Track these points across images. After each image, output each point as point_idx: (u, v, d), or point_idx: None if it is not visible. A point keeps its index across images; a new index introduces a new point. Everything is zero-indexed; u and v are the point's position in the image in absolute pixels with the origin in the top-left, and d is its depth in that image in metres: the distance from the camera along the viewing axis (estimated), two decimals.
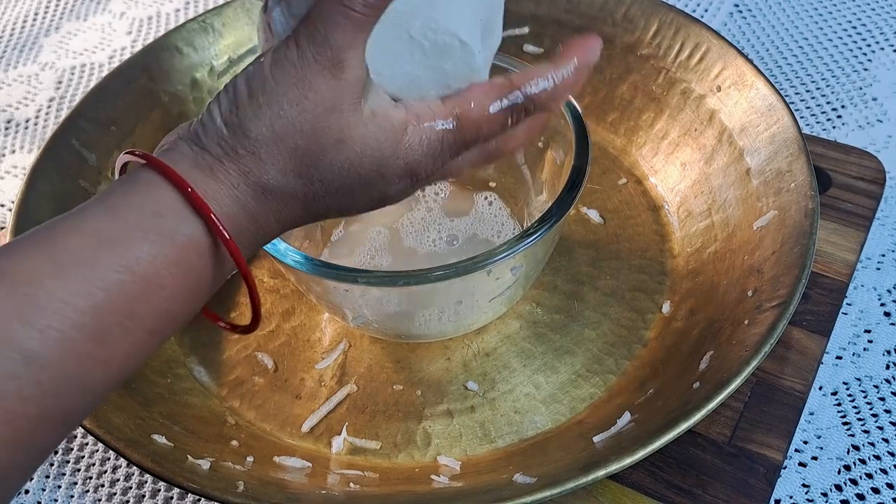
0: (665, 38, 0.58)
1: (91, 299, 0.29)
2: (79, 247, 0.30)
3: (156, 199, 0.32)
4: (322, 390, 0.50)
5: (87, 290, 0.29)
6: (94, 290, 0.29)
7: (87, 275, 0.29)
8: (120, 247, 0.30)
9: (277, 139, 0.34)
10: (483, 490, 0.41)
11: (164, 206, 0.32)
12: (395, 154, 0.35)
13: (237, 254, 0.34)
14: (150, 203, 0.32)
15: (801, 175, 0.48)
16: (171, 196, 0.32)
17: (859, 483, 0.46)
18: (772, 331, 0.42)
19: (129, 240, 0.30)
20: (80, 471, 0.51)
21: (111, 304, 0.30)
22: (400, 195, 0.37)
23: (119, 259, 0.30)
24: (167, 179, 0.32)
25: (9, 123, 0.75)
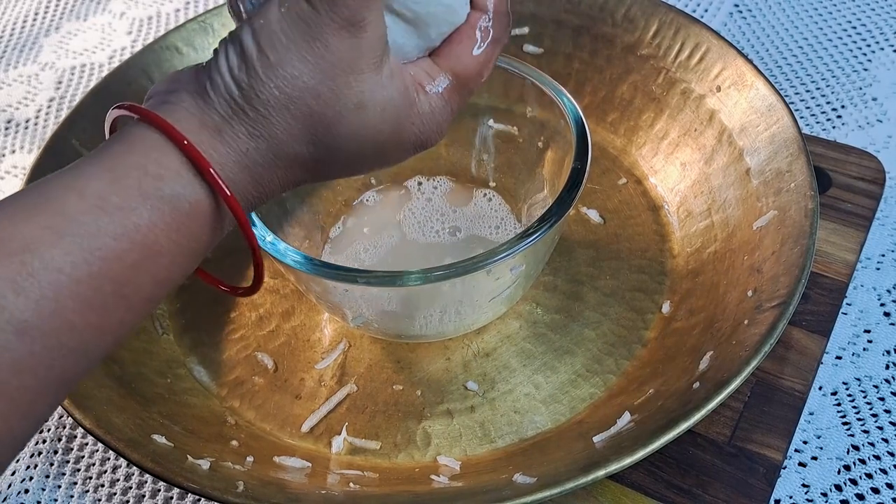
0: (665, 38, 0.58)
1: (88, 268, 0.28)
2: (78, 212, 0.28)
3: (158, 162, 0.30)
4: (322, 390, 0.50)
5: (84, 259, 0.28)
6: (91, 258, 0.28)
7: (86, 243, 0.28)
8: (120, 214, 0.29)
9: (290, 102, 0.32)
10: (483, 490, 0.41)
11: (166, 168, 0.30)
12: (410, 118, 0.34)
13: (244, 222, 0.32)
14: (152, 165, 0.30)
15: (801, 175, 0.48)
16: (173, 158, 0.30)
17: (859, 483, 0.46)
18: (772, 331, 0.42)
19: (130, 206, 0.29)
20: (80, 471, 0.51)
21: (109, 273, 0.28)
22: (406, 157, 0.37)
23: (119, 227, 0.29)
24: (170, 140, 0.30)
25: (9, 123, 0.75)
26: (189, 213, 0.31)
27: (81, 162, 0.30)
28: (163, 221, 0.30)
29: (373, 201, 0.57)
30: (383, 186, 0.58)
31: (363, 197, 0.57)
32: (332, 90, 0.32)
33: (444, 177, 0.58)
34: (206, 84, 0.32)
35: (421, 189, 0.57)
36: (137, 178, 0.29)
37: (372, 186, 0.58)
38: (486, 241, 0.54)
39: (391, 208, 0.56)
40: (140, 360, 0.51)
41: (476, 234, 0.54)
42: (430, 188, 0.57)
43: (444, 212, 0.56)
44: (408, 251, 0.54)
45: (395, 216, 0.56)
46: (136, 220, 0.29)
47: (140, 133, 0.31)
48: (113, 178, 0.29)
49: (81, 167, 0.30)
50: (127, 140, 0.31)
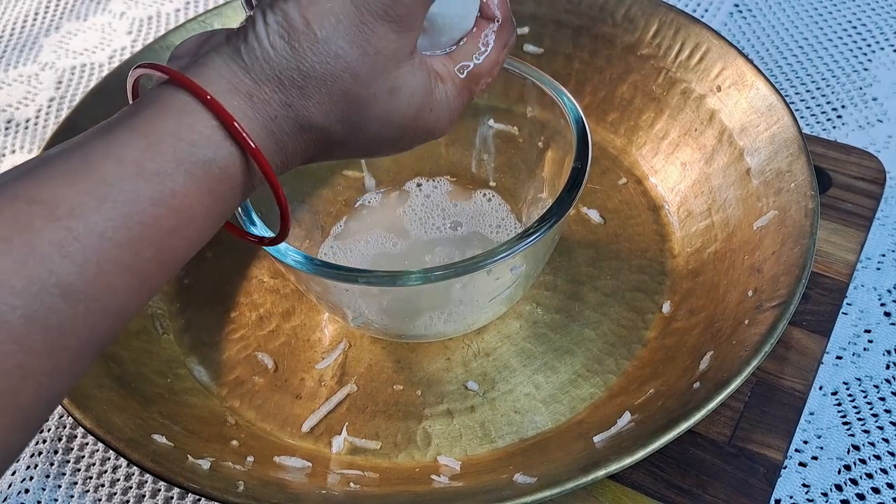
0: (665, 38, 0.58)
1: (129, 233, 0.29)
2: (118, 178, 0.29)
3: (190, 126, 0.31)
4: (322, 390, 0.50)
5: (125, 224, 0.28)
6: (131, 223, 0.29)
7: (126, 208, 0.28)
8: (157, 180, 0.29)
9: (329, 78, 0.33)
10: (483, 490, 0.41)
11: (198, 133, 0.31)
12: (430, 104, 0.36)
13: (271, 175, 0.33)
14: (185, 130, 0.30)
15: (801, 175, 0.48)
16: (205, 122, 0.31)
17: (859, 483, 0.46)
18: (772, 331, 0.42)
19: (166, 172, 0.30)
20: (80, 471, 0.51)
21: (148, 238, 0.29)
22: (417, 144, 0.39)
23: (156, 192, 0.29)
24: (199, 101, 0.31)
25: (9, 123, 0.75)
26: (219, 178, 0.31)
27: (114, 126, 0.30)
28: (196, 187, 0.30)
29: (374, 202, 0.57)
30: (384, 189, 0.58)
31: (364, 198, 0.57)
32: (371, 73, 0.33)
33: (444, 177, 0.58)
34: (240, 48, 0.32)
35: (421, 189, 0.57)
36: (172, 145, 0.30)
37: (372, 189, 0.58)
38: (486, 239, 0.54)
39: (391, 207, 0.56)
40: (140, 360, 0.51)
41: (477, 230, 0.54)
42: (430, 188, 0.57)
43: (445, 207, 0.56)
44: (409, 247, 0.54)
45: (395, 213, 0.56)
46: (172, 185, 0.30)
47: (170, 95, 0.31)
48: (148, 144, 0.30)
49: (117, 133, 0.30)
50: (157, 103, 0.31)
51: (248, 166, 0.32)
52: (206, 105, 0.31)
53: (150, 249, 0.29)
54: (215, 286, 0.56)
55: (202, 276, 0.56)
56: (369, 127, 0.35)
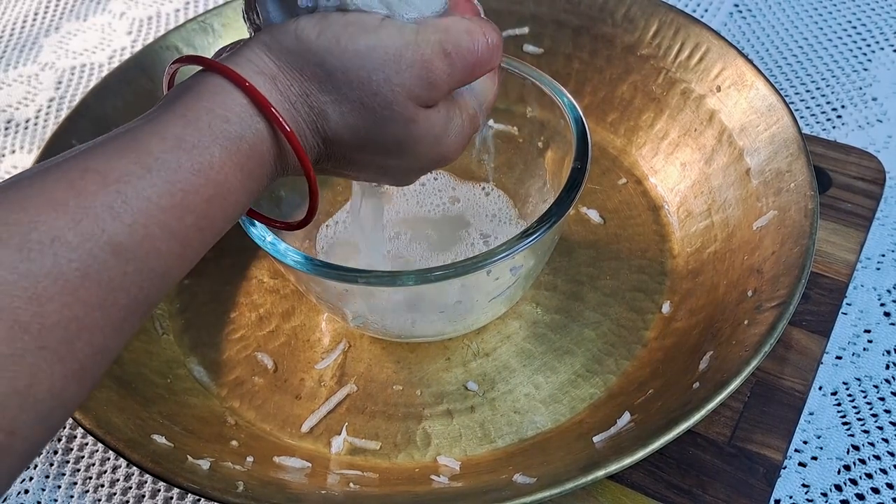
0: (665, 38, 0.58)
1: (171, 199, 0.31)
2: (162, 150, 0.31)
3: (223, 104, 0.33)
4: (322, 390, 0.50)
5: (168, 191, 0.31)
6: (174, 190, 0.31)
7: (170, 176, 0.31)
8: (196, 152, 0.32)
9: (349, 85, 0.35)
10: (483, 490, 0.41)
11: (230, 110, 0.33)
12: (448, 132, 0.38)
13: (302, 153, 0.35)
14: (219, 108, 0.33)
15: (801, 175, 0.48)
16: (237, 101, 0.33)
17: (859, 483, 0.46)
18: (772, 331, 0.42)
19: (204, 145, 0.32)
20: (80, 471, 0.51)
21: (190, 205, 0.31)
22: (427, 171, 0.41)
23: (196, 163, 0.32)
24: (232, 83, 0.33)
25: (9, 123, 0.75)
26: (249, 154, 0.33)
27: (157, 111, 0.33)
28: (230, 160, 0.33)
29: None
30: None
31: None
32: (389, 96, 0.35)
33: (444, 172, 0.58)
34: (266, 38, 0.35)
35: (420, 182, 0.57)
36: (208, 121, 0.32)
37: None
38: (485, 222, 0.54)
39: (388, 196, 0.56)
40: (140, 360, 0.51)
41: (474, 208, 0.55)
42: (429, 178, 0.57)
43: (443, 188, 0.56)
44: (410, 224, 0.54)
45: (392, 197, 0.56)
46: (210, 157, 0.32)
47: (206, 80, 0.34)
48: (186, 121, 0.32)
49: (159, 116, 0.32)
50: (194, 88, 0.33)
51: (278, 146, 0.34)
52: (243, 90, 0.33)
53: (190, 216, 0.31)
54: (215, 286, 0.56)
55: (202, 276, 0.56)
56: (377, 142, 0.36)
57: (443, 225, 0.55)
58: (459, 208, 0.56)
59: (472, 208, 0.56)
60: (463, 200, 0.56)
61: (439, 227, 0.55)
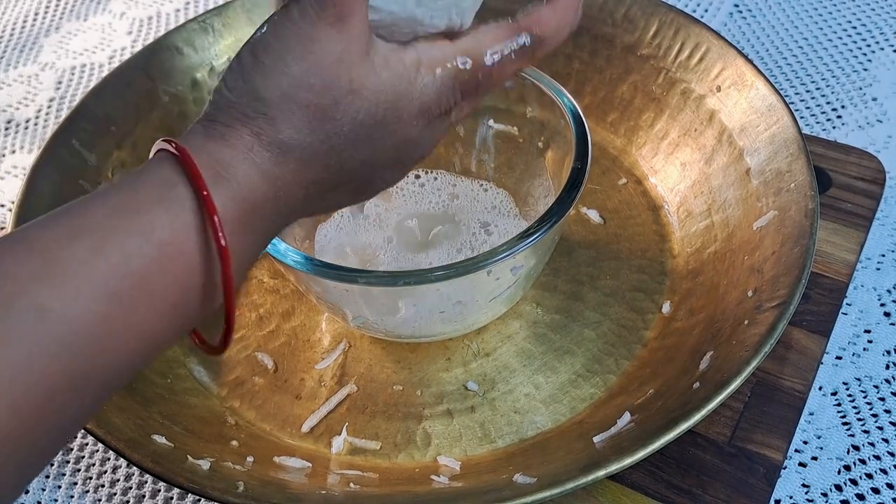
0: (665, 38, 0.58)
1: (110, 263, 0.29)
2: (102, 216, 0.30)
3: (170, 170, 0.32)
4: (322, 390, 0.50)
5: (107, 257, 0.29)
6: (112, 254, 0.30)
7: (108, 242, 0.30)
8: (137, 216, 0.31)
9: (287, 98, 0.33)
10: (483, 490, 0.41)
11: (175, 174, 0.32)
12: (410, 95, 0.36)
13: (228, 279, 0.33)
14: (165, 173, 0.32)
15: (801, 175, 0.48)
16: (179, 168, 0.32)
17: (859, 483, 0.46)
18: (772, 331, 0.42)
19: (147, 209, 0.31)
20: (80, 471, 0.51)
21: (131, 269, 0.30)
22: (424, 139, 0.37)
23: (137, 227, 0.30)
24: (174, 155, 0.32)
25: (9, 123, 0.75)
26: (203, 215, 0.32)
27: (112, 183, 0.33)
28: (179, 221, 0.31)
29: None
30: None
31: None
32: (323, 81, 0.34)
33: (443, 171, 0.58)
34: (208, 109, 0.34)
35: (419, 181, 0.57)
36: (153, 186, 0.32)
37: None
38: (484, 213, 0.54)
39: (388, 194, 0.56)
40: None
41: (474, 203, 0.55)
42: (429, 179, 0.57)
43: (442, 187, 0.56)
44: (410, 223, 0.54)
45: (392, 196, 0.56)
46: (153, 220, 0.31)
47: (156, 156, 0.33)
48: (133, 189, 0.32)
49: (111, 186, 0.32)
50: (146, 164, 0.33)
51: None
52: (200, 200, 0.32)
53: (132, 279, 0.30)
54: None
55: None
56: (345, 129, 0.35)
57: (443, 220, 0.55)
58: (458, 205, 0.56)
59: (471, 202, 0.56)
60: (462, 197, 0.56)
61: (439, 223, 0.55)
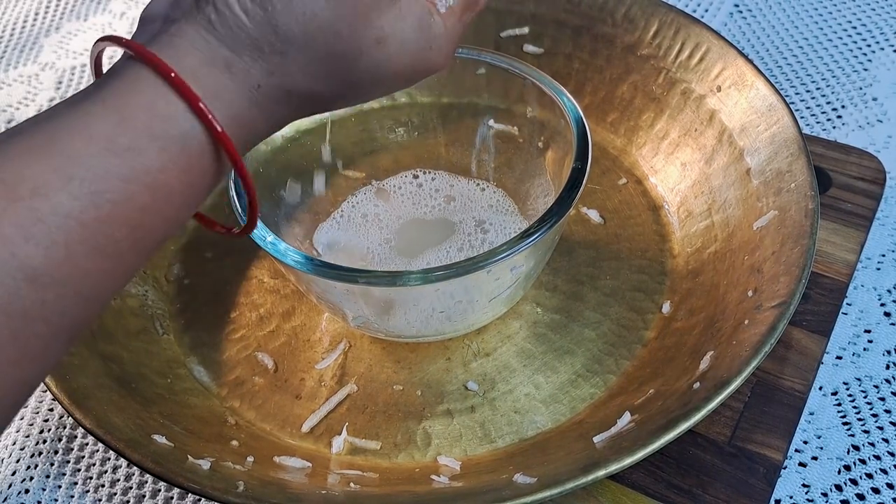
0: (665, 38, 0.58)
1: (97, 212, 0.27)
2: (87, 154, 0.27)
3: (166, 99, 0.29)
4: (322, 390, 0.50)
5: (93, 203, 0.27)
6: (100, 201, 0.27)
7: (94, 186, 0.27)
8: (129, 155, 0.28)
9: (310, 40, 0.31)
10: (483, 490, 0.41)
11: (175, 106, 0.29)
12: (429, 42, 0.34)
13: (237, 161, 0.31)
14: (160, 103, 0.29)
15: (801, 175, 0.48)
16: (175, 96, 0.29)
17: (859, 483, 0.46)
18: (772, 331, 0.42)
19: (140, 148, 0.28)
20: (81, 471, 0.51)
21: (120, 217, 0.27)
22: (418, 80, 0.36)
23: (128, 169, 0.27)
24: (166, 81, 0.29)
25: (9, 124, 0.75)
26: (198, 153, 0.30)
27: (82, 101, 0.29)
28: (173, 163, 0.29)
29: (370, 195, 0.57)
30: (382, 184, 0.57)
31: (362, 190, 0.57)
32: (351, 28, 0.31)
33: (442, 171, 0.58)
34: (210, 16, 0.31)
35: (418, 181, 0.57)
36: (146, 120, 0.28)
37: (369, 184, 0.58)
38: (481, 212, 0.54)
39: (386, 194, 0.56)
40: (140, 360, 0.51)
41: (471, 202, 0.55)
42: (427, 179, 0.57)
43: (440, 187, 0.56)
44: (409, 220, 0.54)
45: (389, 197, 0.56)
46: (146, 161, 0.28)
47: (139, 70, 0.29)
48: (120, 118, 0.28)
49: (84, 107, 0.28)
50: (128, 78, 0.29)
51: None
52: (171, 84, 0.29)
53: (122, 229, 0.28)
54: (215, 286, 0.56)
55: (202, 276, 0.56)
56: (364, 79, 0.33)
57: (442, 220, 0.55)
58: (457, 205, 0.56)
59: (470, 202, 0.56)
60: (460, 197, 0.56)
61: (438, 223, 0.55)
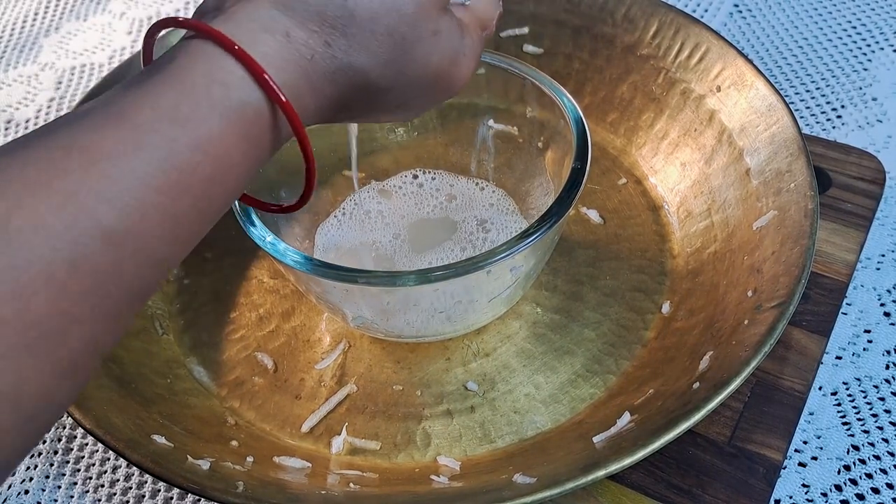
0: (665, 38, 0.58)
1: (166, 178, 0.28)
2: (155, 121, 0.28)
3: (221, 68, 0.30)
4: (322, 390, 0.50)
5: (161, 169, 0.28)
6: (169, 168, 0.28)
7: (162, 154, 0.28)
8: (192, 124, 0.29)
9: (374, 15, 0.33)
10: (483, 490, 0.41)
11: (230, 73, 0.30)
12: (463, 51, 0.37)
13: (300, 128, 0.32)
14: (217, 72, 0.30)
15: (800, 175, 0.48)
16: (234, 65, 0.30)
17: (859, 483, 0.46)
18: (772, 331, 0.42)
19: (202, 117, 0.29)
20: (80, 471, 0.51)
21: (187, 185, 0.29)
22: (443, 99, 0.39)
23: (192, 138, 0.29)
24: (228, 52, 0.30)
25: (9, 123, 0.75)
26: (254, 120, 0.31)
27: (144, 78, 0.30)
28: (231, 131, 0.30)
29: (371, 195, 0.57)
30: (382, 185, 0.57)
31: (362, 190, 0.57)
32: (416, 13, 0.33)
33: (442, 171, 0.58)
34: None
35: (418, 181, 0.57)
36: (205, 87, 0.30)
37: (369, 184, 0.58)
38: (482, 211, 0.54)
39: (387, 193, 0.56)
40: (140, 360, 0.51)
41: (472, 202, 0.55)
42: (427, 179, 0.57)
43: (440, 186, 0.56)
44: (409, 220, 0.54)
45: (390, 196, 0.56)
46: (208, 129, 0.29)
47: (197, 45, 0.31)
48: (182, 89, 0.29)
49: (147, 84, 0.29)
50: (186, 53, 0.30)
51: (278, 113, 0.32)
52: (233, 55, 0.30)
53: (188, 197, 0.29)
54: (215, 286, 0.56)
55: (202, 276, 0.56)
56: (410, 69, 0.35)
57: (442, 219, 0.55)
58: (457, 204, 0.56)
59: (470, 201, 0.56)
60: (460, 196, 0.56)
61: (438, 222, 0.55)
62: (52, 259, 0.25)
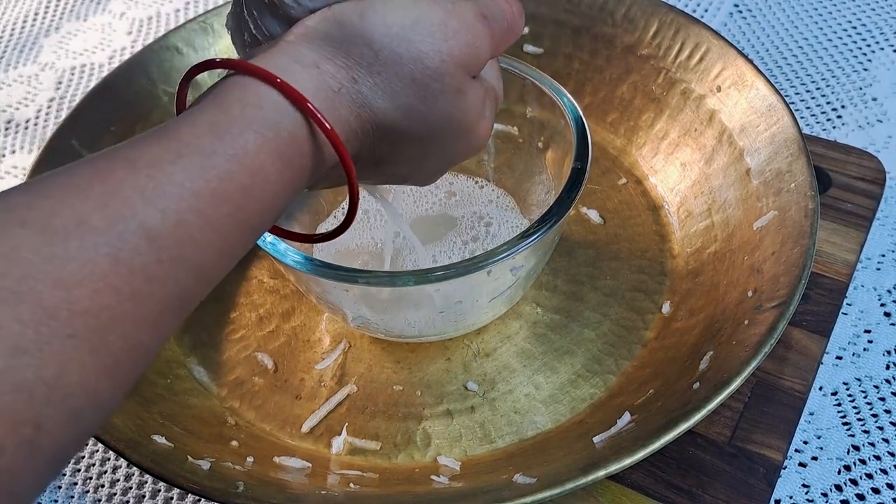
0: (665, 38, 0.58)
1: (206, 184, 0.29)
2: (193, 136, 0.30)
3: (256, 94, 0.31)
4: (322, 390, 0.50)
5: (202, 177, 0.29)
6: (208, 176, 0.29)
7: (203, 162, 0.29)
8: (229, 137, 0.30)
9: (400, 63, 0.34)
10: (483, 490, 0.41)
11: (265, 99, 0.31)
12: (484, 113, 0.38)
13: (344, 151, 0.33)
14: (251, 97, 0.31)
15: (801, 175, 0.48)
16: (270, 94, 0.32)
17: (859, 483, 0.46)
18: (772, 331, 0.42)
19: (237, 131, 0.30)
20: (81, 471, 0.51)
21: (224, 193, 0.30)
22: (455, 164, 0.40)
23: (229, 148, 0.30)
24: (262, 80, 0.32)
25: (9, 124, 0.75)
26: (288, 142, 0.32)
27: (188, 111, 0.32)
28: (266, 147, 0.31)
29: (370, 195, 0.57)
30: None
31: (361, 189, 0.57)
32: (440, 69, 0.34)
33: None
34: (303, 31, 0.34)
35: None
36: (240, 108, 0.31)
37: None
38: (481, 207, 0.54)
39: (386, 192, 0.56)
40: None
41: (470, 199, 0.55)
42: None
43: (439, 184, 0.56)
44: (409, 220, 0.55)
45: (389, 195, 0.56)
46: (244, 143, 0.30)
47: (234, 80, 0.32)
48: (219, 110, 0.31)
49: (189, 113, 0.31)
50: (224, 87, 0.32)
51: (315, 140, 0.33)
52: (275, 87, 0.32)
53: (226, 205, 0.30)
54: (215, 286, 0.56)
55: None
56: (432, 120, 0.35)
57: (442, 218, 0.55)
58: (456, 201, 0.56)
59: (469, 200, 0.56)
60: (459, 194, 0.56)
61: (438, 221, 0.55)
62: (94, 253, 0.26)
